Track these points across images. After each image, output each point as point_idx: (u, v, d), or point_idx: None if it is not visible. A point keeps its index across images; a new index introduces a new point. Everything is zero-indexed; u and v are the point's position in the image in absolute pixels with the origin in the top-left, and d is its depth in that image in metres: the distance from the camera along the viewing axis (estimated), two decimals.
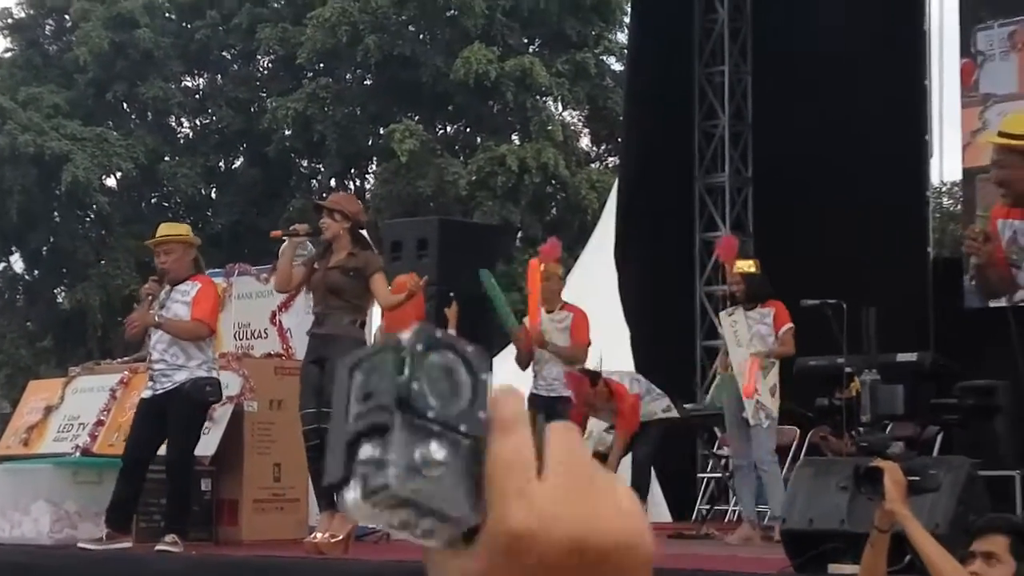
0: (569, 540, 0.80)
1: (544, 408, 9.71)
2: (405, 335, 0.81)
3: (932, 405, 9.64)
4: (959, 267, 12.69)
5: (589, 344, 9.98)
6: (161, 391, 8.11)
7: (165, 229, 8.53)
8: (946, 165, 13.36)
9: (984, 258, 5.12)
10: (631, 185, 13.28)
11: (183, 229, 8.57)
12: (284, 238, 8.41)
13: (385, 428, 0.78)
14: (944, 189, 22.99)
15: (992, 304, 6.91)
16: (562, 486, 0.81)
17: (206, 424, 9.02)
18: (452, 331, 10.19)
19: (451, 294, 10.59)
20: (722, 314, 9.59)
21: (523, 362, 10.14)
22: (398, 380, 0.79)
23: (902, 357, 9.93)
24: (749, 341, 9.12)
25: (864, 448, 4.73)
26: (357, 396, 0.81)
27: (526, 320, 10.17)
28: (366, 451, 0.78)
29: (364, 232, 8.49)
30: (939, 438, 9.67)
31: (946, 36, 13.17)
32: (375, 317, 8.97)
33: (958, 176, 13.81)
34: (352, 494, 0.79)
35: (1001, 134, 5.13)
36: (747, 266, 9.23)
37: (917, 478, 4.45)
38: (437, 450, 0.79)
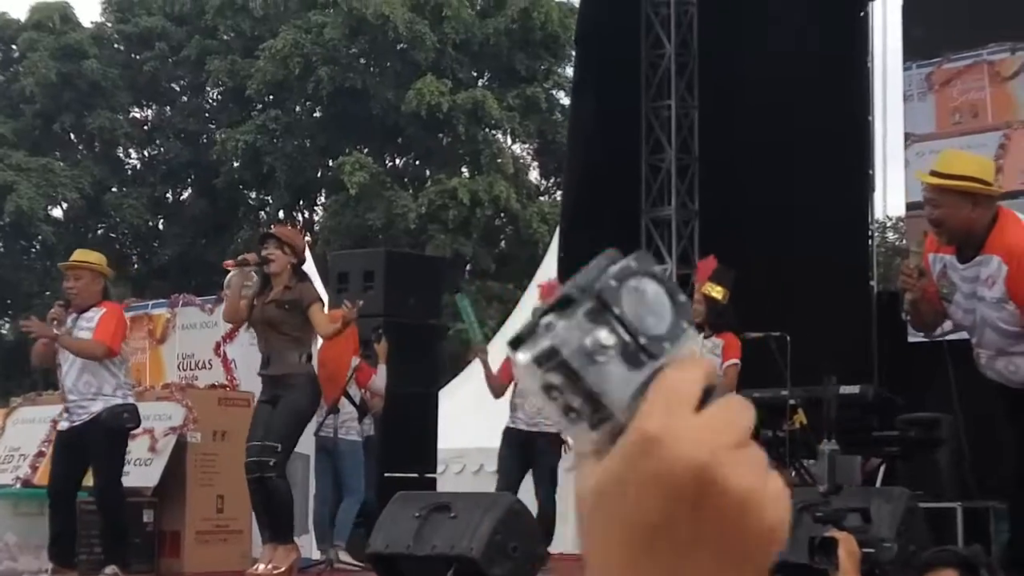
0: (694, 463, 0.78)
1: (523, 443, 9.16)
2: (623, 258, 0.84)
3: (875, 437, 9.69)
4: (902, 301, 12.81)
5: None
6: (78, 422, 7.99)
7: (78, 255, 8.44)
8: (890, 200, 13.46)
9: (918, 293, 5.18)
10: (573, 218, 13.26)
11: (95, 257, 8.44)
12: (234, 268, 8.36)
13: (572, 302, 0.82)
14: (888, 224, 23.20)
15: (931, 338, 6.98)
16: (711, 427, 0.79)
17: (149, 455, 8.95)
18: (382, 365, 10.18)
19: (379, 330, 10.51)
20: None
21: (496, 390, 9.45)
22: (603, 275, 0.83)
23: (846, 389, 9.97)
24: None
25: (820, 518, 4.74)
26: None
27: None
28: (549, 317, 0.82)
29: (309, 262, 8.47)
30: (881, 470, 9.71)
31: (889, 72, 13.36)
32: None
33: (902, 211, 13.96)
34: (523, 353, 0.82)
35: (934, 173, 5.18)
36: (714, 291, 8.91)
37: (872, 550, 4.48)
38: (607, 337, 0.81)
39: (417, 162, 32.71)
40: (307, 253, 8.40)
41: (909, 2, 13.23)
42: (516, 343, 0.83)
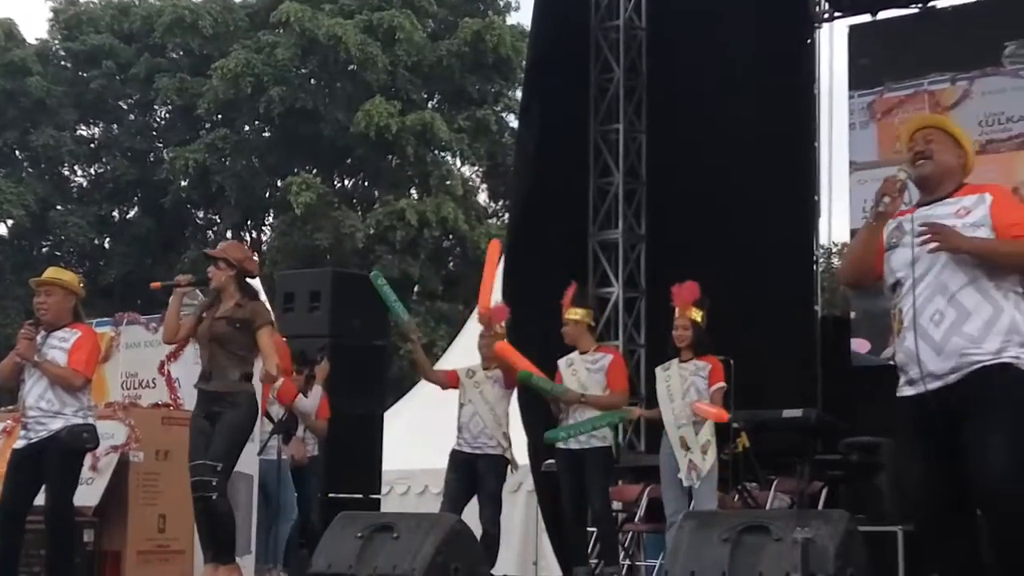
0: None
1: (466, 466, 9.13)
2: None
3: (817, 461, 9.76)
4: (847, 326, 12.93)
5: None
6: (36, 439, 7.93)
7: (51, 272, 8.41)
8: (834, 226, 13.56)
9: (891, 208, 5.05)
10: (519, 240, 13.15)
11: (68, 276, 8.43)
12: (165, 289, 8.37)
13: None
14: (834, 250, 23.36)
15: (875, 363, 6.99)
16: None
17: (90, 474, 8.87)
18: (319, 387, 10.14)
19: (319, 354, 10.48)
20: (657, 370, 9.32)
21: (436, 381, 9.59)
22: None
23: (788, 413, 10.06)
24: (684, 393, 8.88)
25: None
26: None
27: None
28: None
29: (256, 281, 8.44)
30: (823, 493, 9.79)
31: (836, 100, 13.49)
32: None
33: (847, 238, 14.07)
34: None
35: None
36: (698, 315, 9.03)
37: None
38: None
39: (366, 183, 32.68)
40: (252, 264, 8.30)
41: (854, 31, 13.39)
42: None
